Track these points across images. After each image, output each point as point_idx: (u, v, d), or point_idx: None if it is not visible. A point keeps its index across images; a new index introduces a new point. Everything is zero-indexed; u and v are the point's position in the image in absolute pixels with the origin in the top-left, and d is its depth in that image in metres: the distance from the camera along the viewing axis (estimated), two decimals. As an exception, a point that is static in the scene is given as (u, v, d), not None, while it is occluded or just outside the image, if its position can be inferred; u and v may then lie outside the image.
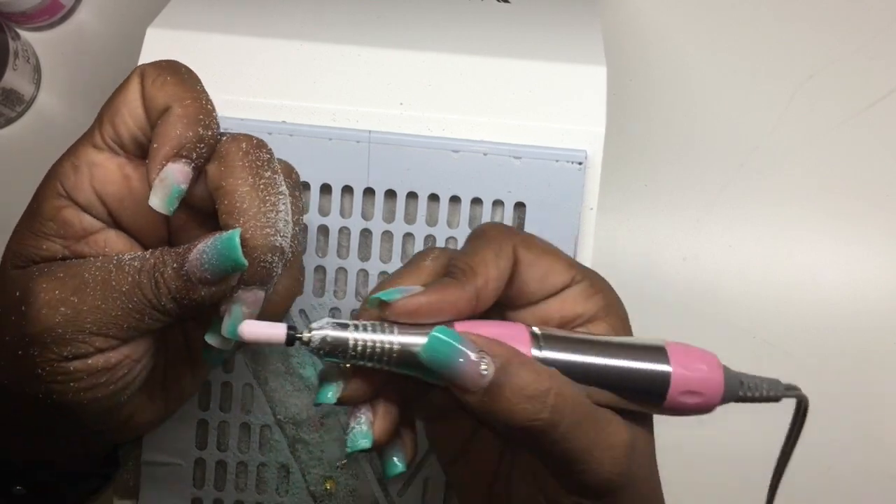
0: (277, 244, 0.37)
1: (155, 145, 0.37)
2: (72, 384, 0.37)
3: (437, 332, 0.35)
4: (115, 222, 0.40)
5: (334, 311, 0.47)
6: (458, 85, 0.47)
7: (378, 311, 0.36)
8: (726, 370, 0.39)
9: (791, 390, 0.41)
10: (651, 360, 0.37)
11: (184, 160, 0.37)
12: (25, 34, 0.66)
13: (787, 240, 0.65)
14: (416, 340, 0.35)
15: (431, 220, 0.46)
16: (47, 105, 0.67)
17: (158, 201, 0.37)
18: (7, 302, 0.38)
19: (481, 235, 0.38)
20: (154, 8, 0.49)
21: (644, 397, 0.37)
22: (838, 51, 0.66)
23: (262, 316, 0.38)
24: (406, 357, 0.35)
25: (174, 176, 0.37)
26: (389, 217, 0.46)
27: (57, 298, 0.36)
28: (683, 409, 0.38)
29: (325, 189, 0.46)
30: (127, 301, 0.36)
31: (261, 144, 0.38)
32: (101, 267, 0.37)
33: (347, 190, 0.46)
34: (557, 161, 0.45)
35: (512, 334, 0.36)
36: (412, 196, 0.46)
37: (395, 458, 0.38)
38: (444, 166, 0.45)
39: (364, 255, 0.46)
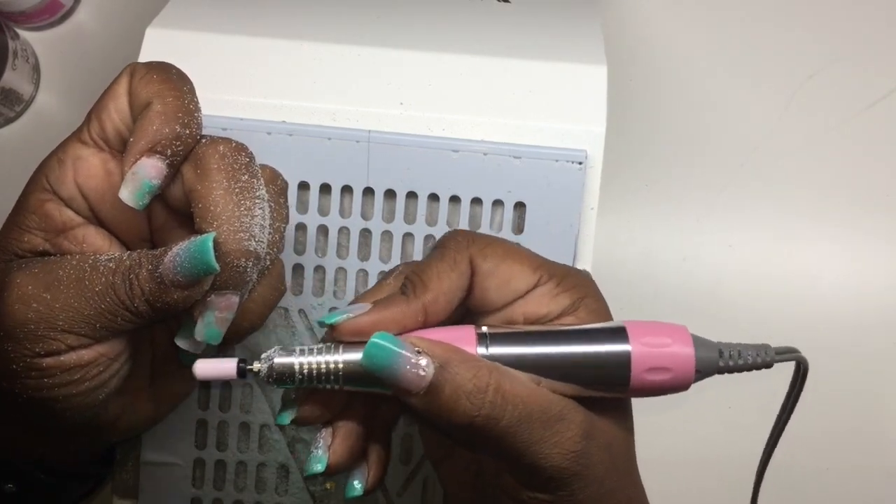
0: (252, 249, 0.37)
1: (132, 139, 0.37)
2: (45, 380, 0.37)
3: (374, 338, 0.35)
4: (96, 218, 0.40)
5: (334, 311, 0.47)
6: (458, 85, 0.47)
7: (328, 334, 0.37)
8: (700, 340, 0.37)
9: (785, 353, 0.38)
10: (609, 342, 0.36)
11: (157, 156, 0.37)
12: (25, 34, 0.66)
13: (787, 240, 0.65)
14: (358, 355, 0.36)
15: (431, 220, 0.46)
16: (46, 105, 0.67)
17: (128, 194, 0.37)
18: None
19: (438, 246, 0.38)
20: (153, 8, 0.49)
21: (607, 382, 0.37)
22: (838, 51, 0.65)
23: (238, 324, 0.39)
24: (352, 373, 0.36)
25: (146, 171, 0.37)
26: (389, 217, 0.46)
27: (30, 294, 0.36)
28: (654, 388, 0.37)
29: (325, 189, 0.46)
30: (100, 301, 0.36)
31: (239, 148, 0.38)
32: (77, 266, 0.37)
33: (347, 190, 0.46)
34: (557, 161, 0.45)
35: (458, 336, 0.36)
36: (412, 196, 0.46)
37: (354, 482, 0.39)
38: (443, 166, 0.45)
39: (364, 255, 0.46)
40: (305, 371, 0.36)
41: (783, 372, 0.41)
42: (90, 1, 0.67)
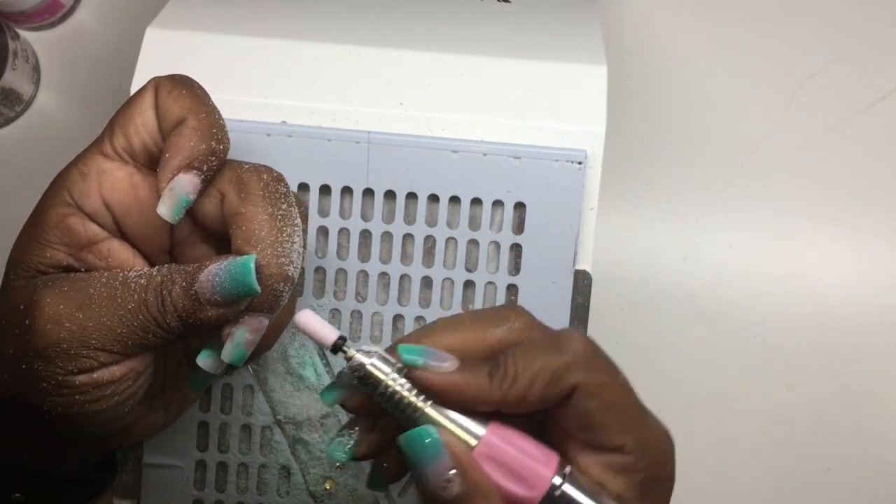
0: (290, 274, 0.37)
1: (167, 155, 0.38)
2: (77, 397, 0.37)
3: (422, 430, 0.35)
4: (120, 231, 0.40)
5: (334, 312, 0.47)
6: (459, 85, 0.47)
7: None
8: None
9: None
10: None
11: (194, 171, 0.38)
12: (25, 34, 0.66)
13: (787, 240, 0.65)
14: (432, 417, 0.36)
15: (431, 221, 0.46)
16: (46, 105, 0.67)
17: (166, 210, 0.37)
18: (11, 314, 0.38)
19: (561, 348, 0.36)
20: (153, 8, 0.49)
21: None
22: (838, 51, 0.65)
23: (257, 347, 0.39)
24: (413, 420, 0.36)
25: (184, 186, 0.37)
26: (389, 218, 0.46)
27: (62, 313, 0.37)
28: None
29: (325, 190, 0.46)
30: (132, 318, 0.37)
31: (279, 178, 0.39)
32: (107, 283, 0.37)
33: (347, 191, 0.46)
34: (557, 161, 0.45)
35: (537, 462, 0.36)
36: (412, 196, 0.46)
37: (378, 475, 0.39)
38: (443, 166, 0.45)
39: (364, 255, 0.46)
40: (387, 393, 0.36)
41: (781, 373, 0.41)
42: (90, 1, 0.67)
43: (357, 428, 0.38)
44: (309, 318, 0.36)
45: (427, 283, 0.46)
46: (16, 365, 0.37)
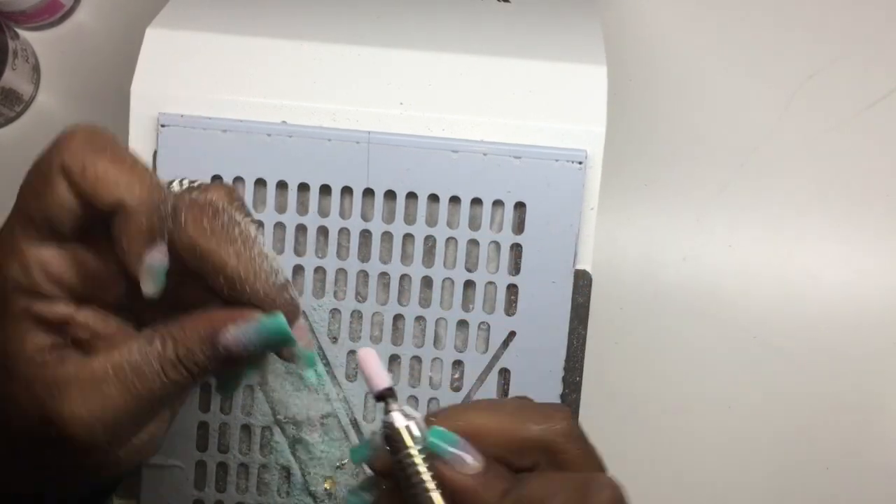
0: (283, 281, 0.37)
1: (125, 244, 0.37)
2: (122, 464, 0.38)
3: None
4: (82, 301, 0.39)
5: (334, 312, 0.47)
6: (459, 85, 0.47)
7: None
8: None
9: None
10: None
11: (157, 242, 0.37)
12: (25, 34, 0.66)
13: (787, 240, 0.65)
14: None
15: (431, 221, 0.46)
16: (46, 105, 0.67)
17: (152, 287, 0.37)
18: (26, 425, 0.37)
19: (587, 496, 0.35)
20: (154, 8, 0.49)
21: None
22: (838, 51, 0.65)
23: None
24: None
25: (156, 260, 0.37)
26: (389, 218, 0.46)
27: (90, 419, 0.36)
28: None
29: (325, 190, 0.46)
30: (161, 396, 0.37)
31: (215, 212, 0.37)
32: (117, 378, 0.36)
33: (347, 191, 0.46)
34: (557, 161, 0.45)
35: None
36: (412, 196, 0.46)
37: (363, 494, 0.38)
38: (443, 166, 0.45)
39: (364, 255, 0.46)
40: (405, 460, 0.35)
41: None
42: (90, 1, 0.67)
43: (375, 493, 0.38)
44: (370, 359, 0.36)
45: (427, 283, 0.46)
46: (52, 466, 0.38)
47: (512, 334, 0.46)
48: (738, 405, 0.65)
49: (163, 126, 0.45)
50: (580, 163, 0.45)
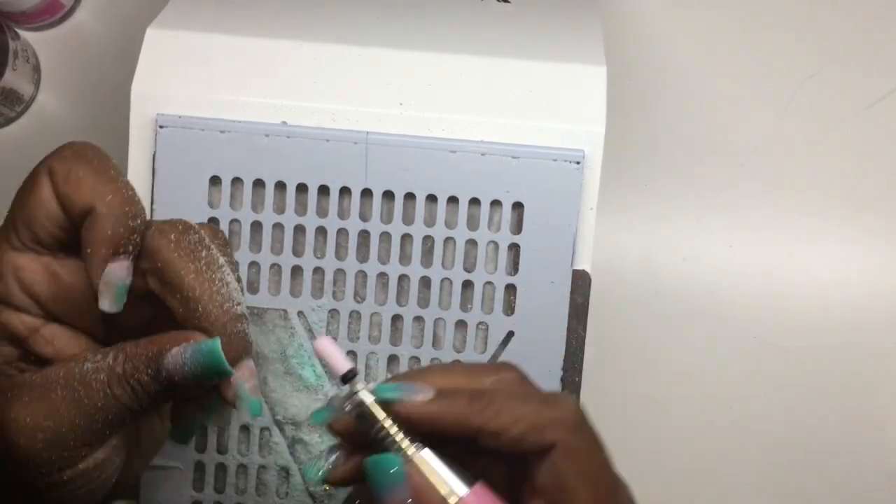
0: (240, 312, 0.38)
1: (89, 250, 0.37)
2: (67, 488, 0.37)
3: (388, 459, 0.36)
4: (52, 317, 0.39)
5: (333, 313, 0.47)
6: (459, 85, 0.47)
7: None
8: None
9: None
10: None
11: (122, 256, 0.37)
12: (25, 34, 0.66)
13: (787, 240, 0.65)
14: (422, 458, 0.36)
15: (429, 221, 0.46)
16: (47, 105, 0.67)
17: (108, 303, 0.37)
18: None
19: (550, 404, 0.37)
20: (154, 8, 0.49)
21: None
22: (838, 51, 0.65)
23: None
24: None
25: (116, 274, 0.37)
26: (388, 218, 0.46)
27: (31, 426, 0.36)
28: None
29: (323, 190, 0.46)
30: (104, 413, 0.36)
31: (186, 228, 0.38)
32: (66, 385, 0.36)
33: (345, 191, 0.46)
34: (555, 160, 0.45)
35: None
36: (410, 197, 0.46)
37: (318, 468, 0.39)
38: (441, 166, 0.45)
39: (362, 256, 0.46)
40: (381, 433, 0.37)
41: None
42: (90, 1, 0.67)
43: (333, 455, 0.38)
44: (327, 346, 0.37)
45: (426, 283, 0.46)
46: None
47: (510, 334, 0.46)
48: (738, 405, 0.65)
49: (161, 127, 0.45)
50: (578, 163, 0.45)
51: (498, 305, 0.46)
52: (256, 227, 0.46)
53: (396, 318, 0.47)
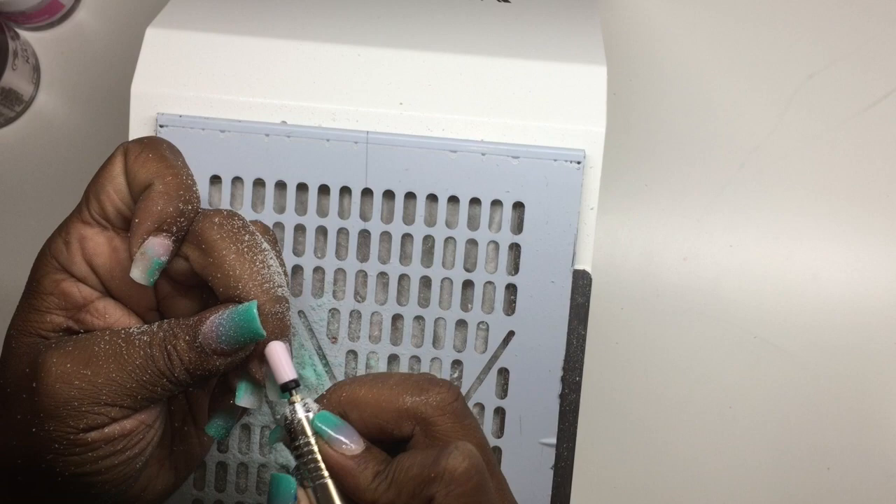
0: (280, 294, 0.39)
1: (136, 220, 0.39)
2: (90, 454, 0.38)
3: (287, 480, 0.38)
4: (107, 291, 0.41)
5: (334, 312, 0.47)
6: (459, 85, 0.47)
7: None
8: None
9: None
10: None
11: (164, 234, 0.39)
12: (25, 34, 0.66)
13: (787, 240, 0.65)
14: (322, 486, 0.38)
15: (430, 221, 0.46)
16: (47, 105, 0.67)
17: (140, 273, 0.39)
18: (17, 380, 0.39)
19: (438, 460, 0.37)
20: (154, 8, 0.49)
21: None
22: (838, 51, 0.65)
23: None
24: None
25: (154, 249, 0.39)
26: (388, 218, 0.46)
27: (70, 372, 0.37)
28: None
29: (323, 190, 0.46)
30: (140, 374, 0.38)
31: (231, 214, 0.40)
32: (111, 341, 0.38)
33: (346, 191, 0.46)
34: (556, 160, 0.45)
35: None
36: (410, 196, 0.46)
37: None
38: (442, 166, 0.45)
39: (363, 255, 0.46)
40: (302, 449, 0.38)
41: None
42: (90, 1, 0.67)
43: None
44: (277, 351, 0.39)
45: (426, 282, 0.46)
46: (26, 429, 0.38)
47: (511, 334, 0.46)
48: (738, 405, 0.65)
49: (161, 126, 0.45)
50: (578, 162, 0.45)
51: (498, 305, 0.46)
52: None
53: (397, 318, 0.47)
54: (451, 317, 0.46)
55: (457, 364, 0.47)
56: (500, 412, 0.47)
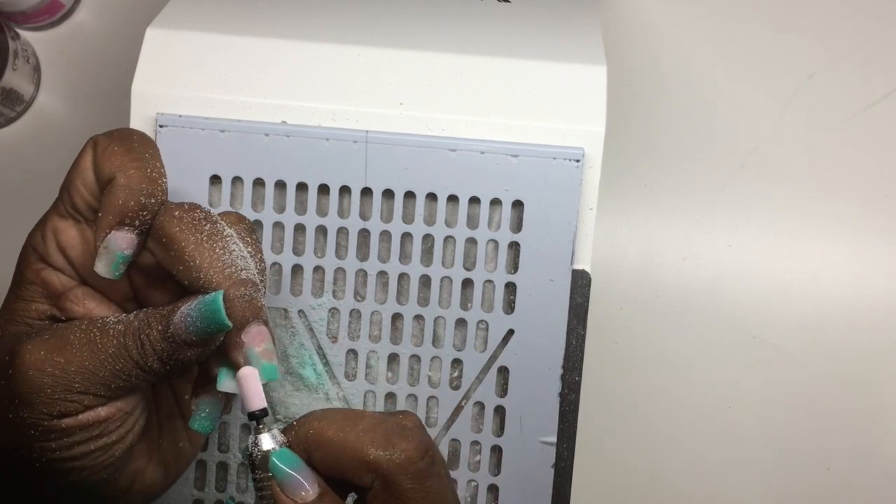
0: (244, 277, 0.39)
1: (100, 214, 0.39)
2: (65, 440, 0.38)
3: None
4: (84, 281, 0.41)
5: (333, 311, 0.47)
6: (459, 85, 0.47)
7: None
8: None
9: None
10: None
11: (126, 228, 0.39)
12: (25, 34, 0.66)
13: (787, 240, 0.65)
14: None
15: (429, 220, 0.46)
16: (47, 105, 0.67)
17: (103, 267, 0.39)
18: (0, 368, 0.39)
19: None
20: (154, 8, 0.49)
21: None
22: (838, 51, 0.65)
23: None
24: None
25: (117, 243, 0.39)
26: (388, 217, 0.46)
27: (43, 359, 0.38)
28: None
29: (323, 189, 0.46)
30: (113, 362, 0.38)
31: (193, 206, 0.40)
32: (86, 329, 0.38)
33: (345, 190, 0.46)
34: (555, 159, 0.45)
35: None
36: (410, 195, 0.46)
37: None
38: (441, 165, 0.45)
39: (362, 255, 0.46)
40: (259, 483, 0.39)
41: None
42: (90, 1, 0.67)
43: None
44: (250, 379, 0.38)
45: (426, 281, 0.46)
46: (4, 415, 0.38)
47: (510, 332, 0.46)
48: (738, 405, 0.65)
49: (161, 126, 0.45)
50: (577, 161, 0.45)
51: (498, 304, 0.46)
52: (257, 226, 0.46)
53: (396, 317, 0.47)
54: (450, 316, 0.46)
55: (456, 363, 0.47)
56: (500, 411, 0.47)
